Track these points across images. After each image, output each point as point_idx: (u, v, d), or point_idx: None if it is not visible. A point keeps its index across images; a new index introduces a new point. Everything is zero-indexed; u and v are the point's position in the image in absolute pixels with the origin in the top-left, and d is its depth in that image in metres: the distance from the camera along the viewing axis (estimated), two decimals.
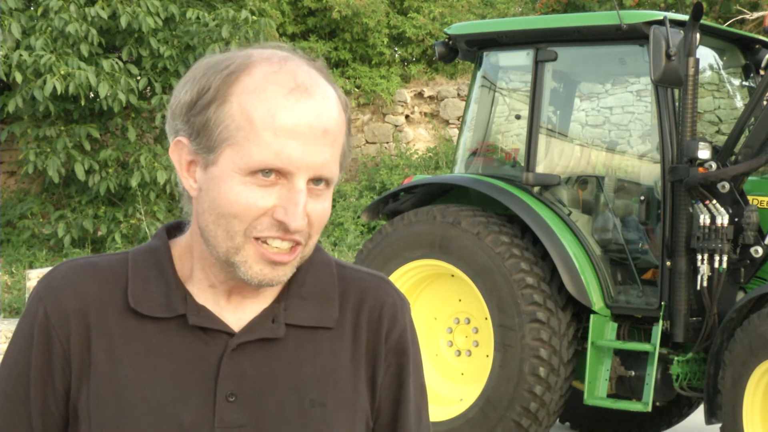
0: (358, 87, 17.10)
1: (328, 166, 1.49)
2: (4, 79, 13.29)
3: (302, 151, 1.46)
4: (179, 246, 1.60)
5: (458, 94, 16.80)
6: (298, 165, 1.46)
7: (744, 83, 7.42)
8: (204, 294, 1.57)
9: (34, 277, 11.60)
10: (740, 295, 6.24)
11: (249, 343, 1.55)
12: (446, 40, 7.36)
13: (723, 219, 6.12)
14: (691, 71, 6.14)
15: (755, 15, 13.76)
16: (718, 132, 12.06)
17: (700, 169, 6.19)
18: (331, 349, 1.59)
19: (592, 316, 6.48)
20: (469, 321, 7.02)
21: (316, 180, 1.49)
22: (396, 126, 16.98)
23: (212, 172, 1.49)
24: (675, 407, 7.41)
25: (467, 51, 7.32)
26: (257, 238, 1.48)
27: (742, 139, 6.36)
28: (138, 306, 1.55)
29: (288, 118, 1.46)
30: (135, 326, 1.54)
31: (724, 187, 6.16)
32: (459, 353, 7.06)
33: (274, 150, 1.45)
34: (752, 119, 6.29)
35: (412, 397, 1.67)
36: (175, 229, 1.64)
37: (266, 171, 1.46)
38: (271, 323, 1.56)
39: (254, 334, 1.55)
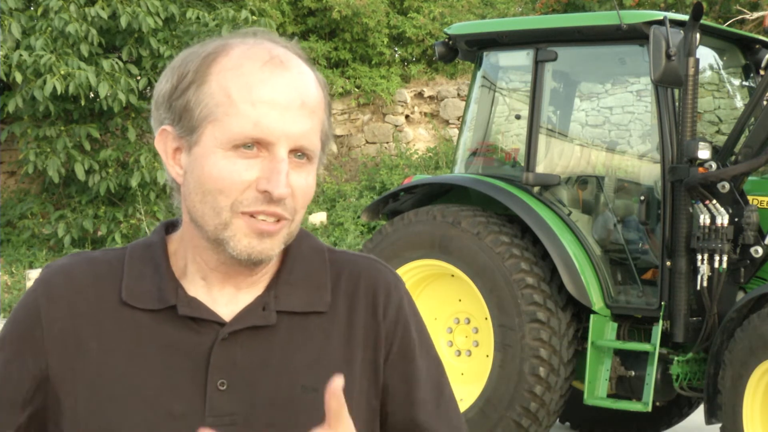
0: (358, 87, 17.10)
1: (307, 137, 1.51)
2: (4, 79, 13.30)
3: (281, 121, 1.49)
4: (175, 241, 1.63)
5: (458, 94, 16.80)
6: (278, 135, 1.49)
7: (744, 83, 7.42)
8: (196, 287, 1.58)
9: (33, 277, 11.61)
10: (740, 295, 6.23)
11: (240, 332, 1.56)
12: (446, 40, 7.36)
13: (723, 219, 6.12)
14: (691, 71, 6.14)
15: (755, 15, 13.76)
16: (718, 132, 12.06)
17: (700, 169, 6.18)
18: (324, 333, 1.60)
19: (592, 316, 6.48)
20: (469, 321, 7.02)
21: (297, 153, 1.51)
22: (396, 126, 16.98)
23: (196, 153, 1.52)
24: (675, 407, 7.41)
25: (467, 51, 7.32)
26: (244, 213, 1.50)
27: (742, 139, 6.36)
28: (130, 299, 1.57)
29: (265, 89, 1.49)
30: (127, 317, 1.57)
31: (724, 187, 6.15)
32: (459, 353, 7.06)
33: (253, 121, 1.48)
34: (752, 119, 6.29)
35: (425, 372, 1.66)
36: (173, 225, 1.66)
37: (247, 144, 1.49)
38: (262, 311, 1.57)
39: (245, 323, 1.56)
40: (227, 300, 1.58)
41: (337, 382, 1.40)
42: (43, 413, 1.57)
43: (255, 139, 1.48)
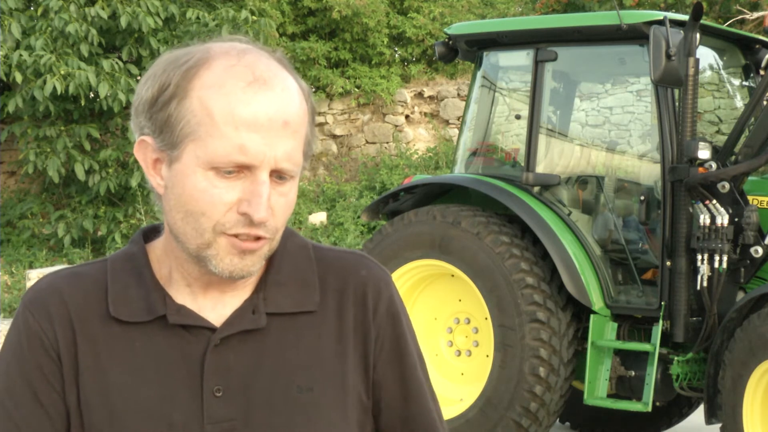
0: (358, 87, 17.09)
1: (290, 157, 1.50)
2: (4, 79, 13.29)
3: (263, 144, 1.47)
4: (157, 249, 1.61)
5: (458, 94, 16.80)
6: (261, 158, 1.47)
7: (744, 83, 7.42)
8: (182, 294, 1.57)
9: (34, 277, 11.59)
10: (740, 295, 6.23)
11: (231, 337, 1.55)
12: (446, 40, 7.36)
13: (723, 219, 6.12)
14: (691, 71, 6.14)
15: (755, 15, 13.76)
16: (718, 132, 12.06)
17: (700, 169, 6.19)
18: (315, 332, 1.60)
19: (592, 316, 6.48)
20: (469, 321, 7.02)
21: (279, 174, 1.50)
22: (396, 126, 16.98)
23: (176, 168, 1.50)
24: (675, 407, 7.41)
25: (467, 51, 7.32)
26: (227, 234, 1.49)
27: (742, 139, 6.36)
28: (118, 313, 1.56)
29: (247, 111, 1.46)
30: (118, 332, 1.55)
31: (724, 187, 6.16)
32: (459, 353, 7.06)
33: (236, 144, 1.46)
34: (752, 119, 6.29)
35: (417, 366, 1.67)
36: (153, 232, 1.64)
37: (229, 168, 1.47)
38: (252, 314, 1.57)
39: (235, 327, 1.56)
40: (213, 305, 1.58)
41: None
42: None
43: (237, 163, 1.47)
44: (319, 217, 15.61)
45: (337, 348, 1.60)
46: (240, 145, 1.46)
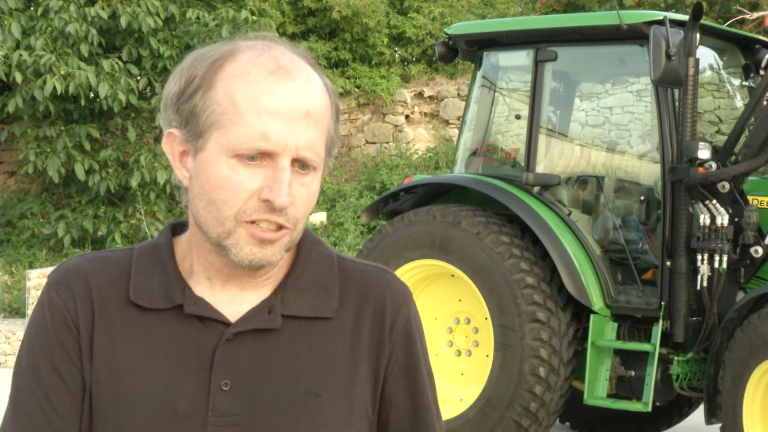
0: (358, 87, 17.10)
1: (311, 147, 1.51)
2: (4, 79, 13.30)
3: (285, 132, 1.49)
4: (182, 243, 1.64)
5: (458, 94, 16.80)
6: (282, 145, 1.49)
7: (744, 83, 7.42)
8: (201, 287, 1.60)
9: (34, 277, 11.60)
10: (740, 295, 6.23)
11: (245, 333, 1.57)
12: (446, 40, 7.36)
13: (723, 219, 6.12)
14: (691, 71, 6.14)
15: (755, 15, 13.76)
16: (718, 132, 12.07)
17: (700, 169, 6.19)
18: (329, 339, 1.61)
19: (592, 316, 6.48)
20: (469, 321, 7.02)
21: (301, 163, 1.52)
22: (396, 126, 16.98)
23: (201, 158, 1.53)
24: (675, 407, 7.41)
25: (467, 51, 7.32)
26: (247, 222, 1.52)
27: (742, 139, 6.36)
28: (137, 299, 1.59)
29: (270, 99, 1.49)
30: (135, 317, 1.58)
31: (724, 187, 6.16)
32: (459, 353, 7.06)
33: (259, 131, 1.48)
34: (752, 119, 6.29)
35: (427, 385, 1.69)
36: (180, 226, 1.68)
37: (252, 155, 1.50)
38: (267, 314, 1.58)
39: (250, 324, 1.57)
40: (231, 300, 1.59)
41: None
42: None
43: (259, 150, 1.49)
44: (319, 217, 15.62)
45: (349, 358, 1.61)
46: (262, 132, 1.48)
